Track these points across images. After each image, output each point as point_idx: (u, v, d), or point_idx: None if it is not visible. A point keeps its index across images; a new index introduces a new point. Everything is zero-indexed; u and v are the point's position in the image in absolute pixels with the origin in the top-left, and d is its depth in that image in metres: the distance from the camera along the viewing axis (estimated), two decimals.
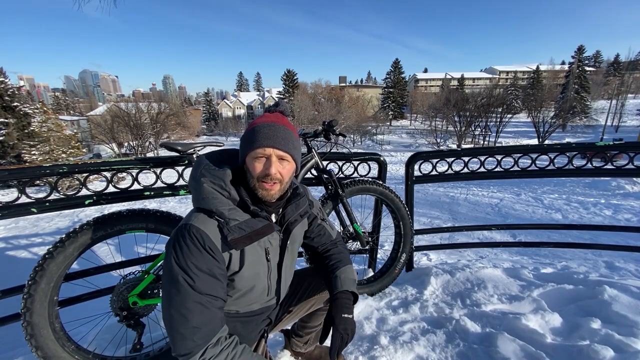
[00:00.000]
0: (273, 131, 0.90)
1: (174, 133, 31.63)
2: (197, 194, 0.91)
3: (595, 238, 3.90)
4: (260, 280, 0.99)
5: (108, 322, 1.62)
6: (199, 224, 0.86)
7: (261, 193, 0.92)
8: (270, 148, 0.89)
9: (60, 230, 6.80)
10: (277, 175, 0.90)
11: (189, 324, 0.81)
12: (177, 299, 0.82)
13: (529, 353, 1.42)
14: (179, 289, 0.81)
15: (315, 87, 54.35)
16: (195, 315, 0.81)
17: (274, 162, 0.90)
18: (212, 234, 0.86)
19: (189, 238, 0.84)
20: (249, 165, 0.92)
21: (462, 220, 7.21)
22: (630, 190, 9.23)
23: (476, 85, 64.26)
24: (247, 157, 0.92)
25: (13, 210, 1.44)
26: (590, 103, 40.00)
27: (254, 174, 0.91)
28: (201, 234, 0.85)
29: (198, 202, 0.91)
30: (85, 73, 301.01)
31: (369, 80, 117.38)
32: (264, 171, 0.90)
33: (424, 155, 2.21)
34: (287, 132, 0.93)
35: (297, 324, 1.42)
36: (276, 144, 0.89)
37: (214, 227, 0.87)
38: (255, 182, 0.91)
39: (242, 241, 0.88)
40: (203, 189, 0.89)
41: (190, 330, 0.80)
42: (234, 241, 0.86)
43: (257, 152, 0.89)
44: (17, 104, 19.02)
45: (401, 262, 2.07)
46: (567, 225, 2.77)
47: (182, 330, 0.81)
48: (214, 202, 0.88)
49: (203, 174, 0.92)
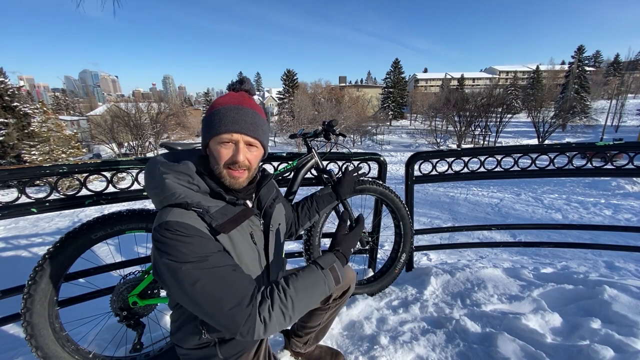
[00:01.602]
0: (241, 115, 0.84)
1: (174, 133, 31.69)
2: (162, 192, 0.82)
3: (595, 238, 3.90)
4: (252, 266, 0.94)
5: (108, 322, 1.62)
6: (177, 218, 0.78)
7: (229, 181, 0.87)
8: (238, 134, 0.83)
9: (60, 230, 6.80)
10: (245, 162, 0.86)
11: (225, 303, 0.74)
12: (197, 290, 0.74)
13: (529, 353, 1.42)
14: (191, 281, 0.74)
15: (315, 87, 54.33)
16: (225, 290, 0.75)
17: (241, 149, 0.84)
18: (195, 223, 0.79)
19: (170, 233, 0.76)
20: (213, 150, 0.85)
21: (462, 220, 7.22)
22: (630, 190, 9.24)
23: (476, 85, 64.34)
24: (210, 142, 0.85)
25: (13, 210, 1.44)
26: (590, 103, 40.02)
27: (219, 161, 0.85)
28: (182, 225, 0.77)
29: (166, 199, 0.82)
30: (85, 73, 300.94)
31: (369, 80, 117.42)
32: (232, 158, 0.84)
33: (424, 155, 2.21)
34: (255, 116, 0.87)
35: (296, 324, 1.42)
36: (244, 130, 0.83)
37: (194, 217, 0.80)
38: (221, 169, 0.86)
39: (228, 225, 0.83)
40: (168, 185, 0.81)
41: (231, 304, 0.74)
42: (220, 226, 0.81)
43: (223, 137, 0.83)
44: (17, 104, 19.05)
45: (401, 262, 2.07)
46: (567, 225, 2.77)
47: (225, 310, 0.74)
48: (185, 194, 0.81)
49: (163, 172, 0.83)
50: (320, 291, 0.87)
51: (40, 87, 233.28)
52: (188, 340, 0.97)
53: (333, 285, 0.89)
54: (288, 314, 0.80)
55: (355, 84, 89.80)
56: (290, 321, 0.81)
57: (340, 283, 0.91)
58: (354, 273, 1.34)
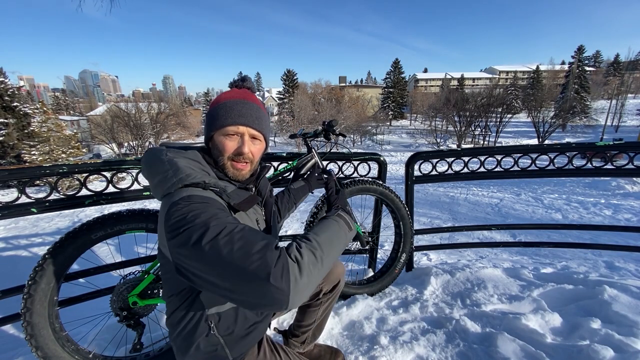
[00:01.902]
0: (247, 109, 0.87)
1: (174, 133, 31.68)
2: (176, 174, 0.77)
3: (595, 238, 3.90)
4: None
5: (108, 322, 1.62)
6: (198, 193, 0.74)
7: (232, 172, 0.89)
8: (244, 126, 0.86)
9: (60, 230, 6.80)
10: (249, 155, 0.88)
11: (253, 246, 0.63)
12: (221, 241, 0.63)
13: (529, 353, 1.42)
14: (215, 233, 0.64)
15: (315, 87, 54.32)
16: (249, 239, 0.65)
17: (246, 141, 0.87)
18: (217, 198, 0.78)
19: (192, 204, 0.70)
20: (218, 142, 0.87)
21: (462, 220, 7.22)
22: (630, 190, 9.24)
23: (476, 85, 64.35)
24: (215, 134, 0.87)
25: (13, 210, 1.44)
26: (590, 103, 40.01)
27: (224, 152, 0.87)
28: (204, 198, 0.73)
29: (181, 180, 0.76)
30: (85, 73, 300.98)
31: (369, 80, 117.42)
32: (237, 150, 0.86)
33: (424, 155, 2.21)
34: (260, 110, 0.90)
35: (292, 324, 1.43)
36: (250, 123, 0.87)
37: (213, 195, 0.79)
38: (225, 161, 0.87)
39: (245, 205, 0.84)
40: (182, 167, 0.78)
41: (259, 246, 0.63)
42: (239, 205, 0.82)
43: (229, 129, 0.85)
44: (17, 104, 19.04)
45: (401, 262, 2.07)
46: (567, 225, 2.77)
47: (253, 253, 0.62)
48: (201, 176, 0.79)
49: (174, 156, 0.81)
50: (338, 231, 0.82)
51: (40, 87, 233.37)
52: (193, 345, 0.87)
53: (347, 229, 0.85)
54: (318, 253, 0.70)
55: (355, 84, 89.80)
56: (322, 263, 0.69)
57: (351, 229, 0.87)
58: (344, 267, 1.36)
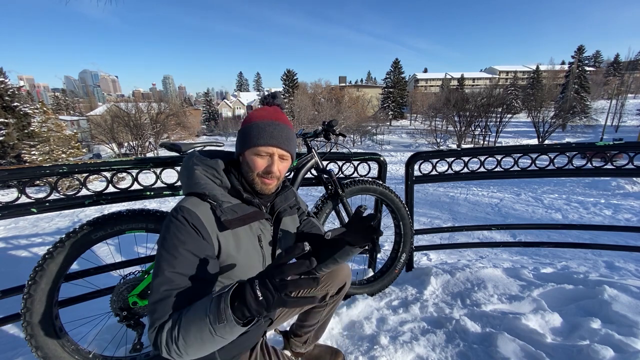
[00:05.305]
0: (278, 131, 0.92)
1: (174, 133, 31.60)
2: (189, 180, 0.93)
3: (595, 238, 3.90)
4: (255, 268, 0.96)
5: (108, 322, 1.62)
6: (190, 206, 0.87)
7: (260, 187, 0.95)
8: (275, 147, 0.92)
9: (60, 230, 6.80)
10: (277, 173, 0.94)
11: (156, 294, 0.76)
12: (157, 271, 0.79)
13: (529, 353, 1.42)
14: (160, 263, 0.80)
15: (315, 87, 54.29)
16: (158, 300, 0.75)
17: (276, 161, 0.93)
18: (204, 215, 0.87)
19: (179, 216, 0.84)
20: (249, 159, 0.94)
21: (462, 220, 7.21)
22: (630, 190, 9.25)
23: (476, 85, 64.31)
24: (247, 151, 0.94)
25: (13, 210, 1.44)
26: (590, 103, 39.94)
27: (254, 169, 0.93)
28: (191, 214, 0.85)
29: (189, 187, 0.92)
30: (85, 73, 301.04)
31: (369, 80, 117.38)
32: (267, 168, 0.93)
33: (424, 155, 2.21)
34: (289, 131, 0.96)
35: (295, 324, 1.42)
36: (281, 144, 0.93)
37: (206, 209, 0.88)
38: (254, 177, 0.94)
39: (235, 222, 0.89)
40: (195, 174, 0.92)
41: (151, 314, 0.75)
42: (227, 221, 0.87)
43: (261, 149, 0.91)
44: (17, 104, 19.02)
45: (401, 262, 2.07)
46: (567, 225, 2.77)
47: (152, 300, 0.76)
48: (206, 186, 0.90)
49: (195, 163, 0.95)
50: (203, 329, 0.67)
51: (40, 87, 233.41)
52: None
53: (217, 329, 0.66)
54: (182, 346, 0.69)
55: (355, 84, 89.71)
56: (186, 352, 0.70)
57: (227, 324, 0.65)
58: (349, 269, 1.35)
